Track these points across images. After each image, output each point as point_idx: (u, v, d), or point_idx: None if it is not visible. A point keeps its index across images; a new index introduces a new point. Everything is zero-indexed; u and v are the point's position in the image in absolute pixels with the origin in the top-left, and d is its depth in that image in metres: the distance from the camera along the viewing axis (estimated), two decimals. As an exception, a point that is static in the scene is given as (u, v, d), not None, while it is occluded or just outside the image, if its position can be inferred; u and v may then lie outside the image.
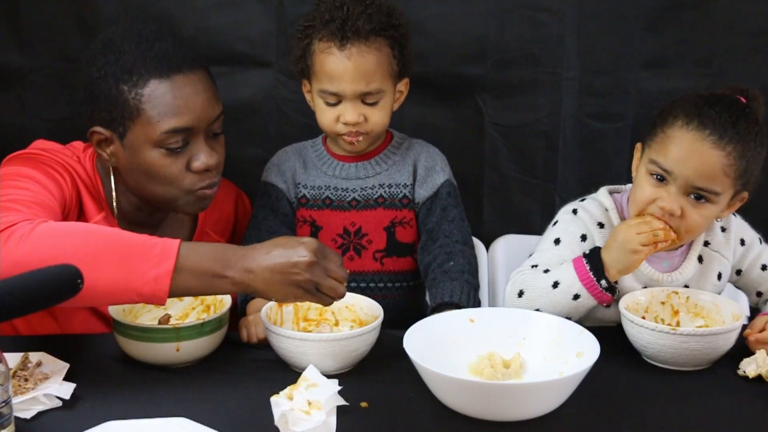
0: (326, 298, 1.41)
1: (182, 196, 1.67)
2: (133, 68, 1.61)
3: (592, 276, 1.59)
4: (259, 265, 1.38)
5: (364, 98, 1.73)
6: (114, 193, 1.71)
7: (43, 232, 1.39)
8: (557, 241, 1.72)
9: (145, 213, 1.75)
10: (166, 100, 1.60)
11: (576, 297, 1.59)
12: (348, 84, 1.71)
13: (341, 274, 1.41)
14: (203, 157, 1.64)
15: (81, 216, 1.69)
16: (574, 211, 1.75)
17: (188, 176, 1.65)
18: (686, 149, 1.58)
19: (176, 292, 1.39)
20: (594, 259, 1.61)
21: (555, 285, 1.61)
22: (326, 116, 1.76)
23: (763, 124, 1.63)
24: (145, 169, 1.64)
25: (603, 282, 1.60)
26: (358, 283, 1.83)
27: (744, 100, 1.63)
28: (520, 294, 1.64)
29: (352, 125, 1.73)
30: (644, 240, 1.57)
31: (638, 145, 1.71)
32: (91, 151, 1.74)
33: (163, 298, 1.37)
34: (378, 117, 1.75)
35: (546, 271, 1.66)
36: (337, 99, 1.73)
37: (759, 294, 1.78)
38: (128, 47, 1.63)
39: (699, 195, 1.59)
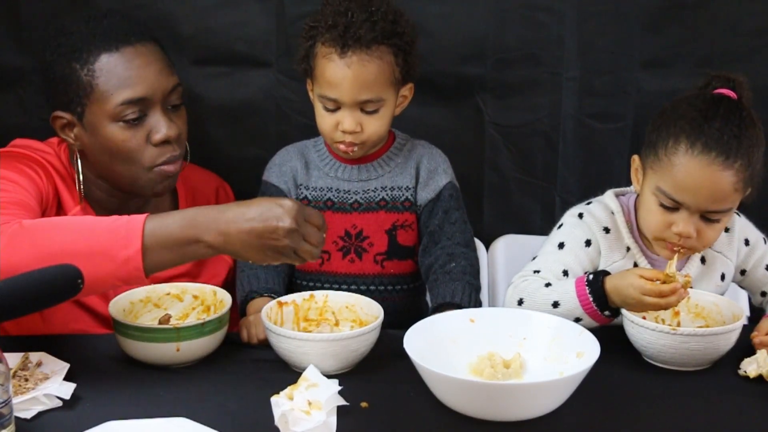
0: (300, 260, 1.40)
1: (144, 173, 1.68)
2: (83, 45, 1.64)
3: (595, 307, 1.56)
4: (235, 228, 1.36)
5: (363, 106, 1.72)
6: (86, 182, 1.72)
7: (14, 236, 1.39)
8: (561, 245, 1.71)
9: (118, 200, 1.75)
10: (117, 72, 1.63)
11: (578, 320, 1.57)
12: (347, 92, 1.70)
13: (318, 239, 1.40)
14: (163, 128, 1.66)
15: (59, 210, 1.70)
16: (580, 215, 1.73)
17: (149, 150, 1.67)
18: (696, 177, 1.55)
19: (153, 268, 1.38)
20: (597, 288, 1.56)
21: (555, 305, 1.59)
22: (325, 122, 1.75)
23: (757, 117, 1.61)
24: (106, 146, 1.66)
25: (606, 312, 1.57)
26: (359, 286, 1.83)
27: (735, 95, 1.62)
28: (520, 302, 1.63)
29: (350, 133, 1.73)
30: (651, 309, 1.54)
31: (635, 158, 1.69)
32: (65, 145, 1.76)
33: (141, 277, 1.38)
34: (375, 127, 1.74)
35: (548, 284, 1.63)
36: (336, 105, 1.72)
37: (764, 294, 1.78)
38: (77, 28, 1.67)
39: (714, 215, 1.59)
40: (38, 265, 1.22)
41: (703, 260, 1.73)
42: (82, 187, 1.72)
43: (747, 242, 1.76)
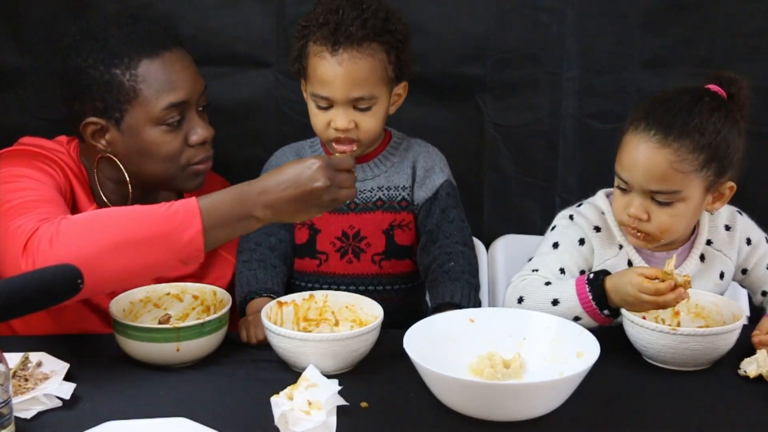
0: (341, 203, 1.54)
1: (180, 172, 1.73)
2: (122, 51, 1.65)
3: (595, 305, 1.56)
4: (278, 199, 1.47)
5: (355, 104, 1.71)
6: (100, 185, 1.74)
7: (70, 229, 1.43)
8: (556, 245, 1.71)
9: (133, 204, 1.75)
10: (160, 77, 1.66)
11: (577, 319, 1.57)
12: (339, 90, 1.69)
13: (352, 181, 1.51)
14: (200, 130, 1.72)
15: (74, 208, 1.70)
16: (571, 217, 1.74)
17: (186, 151, 1.72)
18: (633, 154, 1.59)
19: (210, 246, 1.47)
20: (597, 287, 1.56)
21: (555, 303, 1.59)
22: (318, 120, 1.75)
23: (735, 108, 1.61)
24: (146, 149, 1.68)
25: (606, 311, 1.57)
26: (357, 287, 1.82)
27: (716, 88, 1.62)
28: (520, 300, 1.63)
29: (343, 131, 1.72)
30: (650, 307, 1.53)
31: None
32: (74, 144, 1.76)
33: (200, 257, 1.47)
34: (370, 124, 1.73)
35: (547, 283, 1.63)
36: (329, 104, 1.72)
37: (764, 293, 1.77)
38: (111, 32, 1.67)
39: (660, 197, 1.59)
40: (108, 254, 1.39)
41: (702, 258, 1.73)
42: (98, 190, 1.74)
43: (749, 241, 1.76)
